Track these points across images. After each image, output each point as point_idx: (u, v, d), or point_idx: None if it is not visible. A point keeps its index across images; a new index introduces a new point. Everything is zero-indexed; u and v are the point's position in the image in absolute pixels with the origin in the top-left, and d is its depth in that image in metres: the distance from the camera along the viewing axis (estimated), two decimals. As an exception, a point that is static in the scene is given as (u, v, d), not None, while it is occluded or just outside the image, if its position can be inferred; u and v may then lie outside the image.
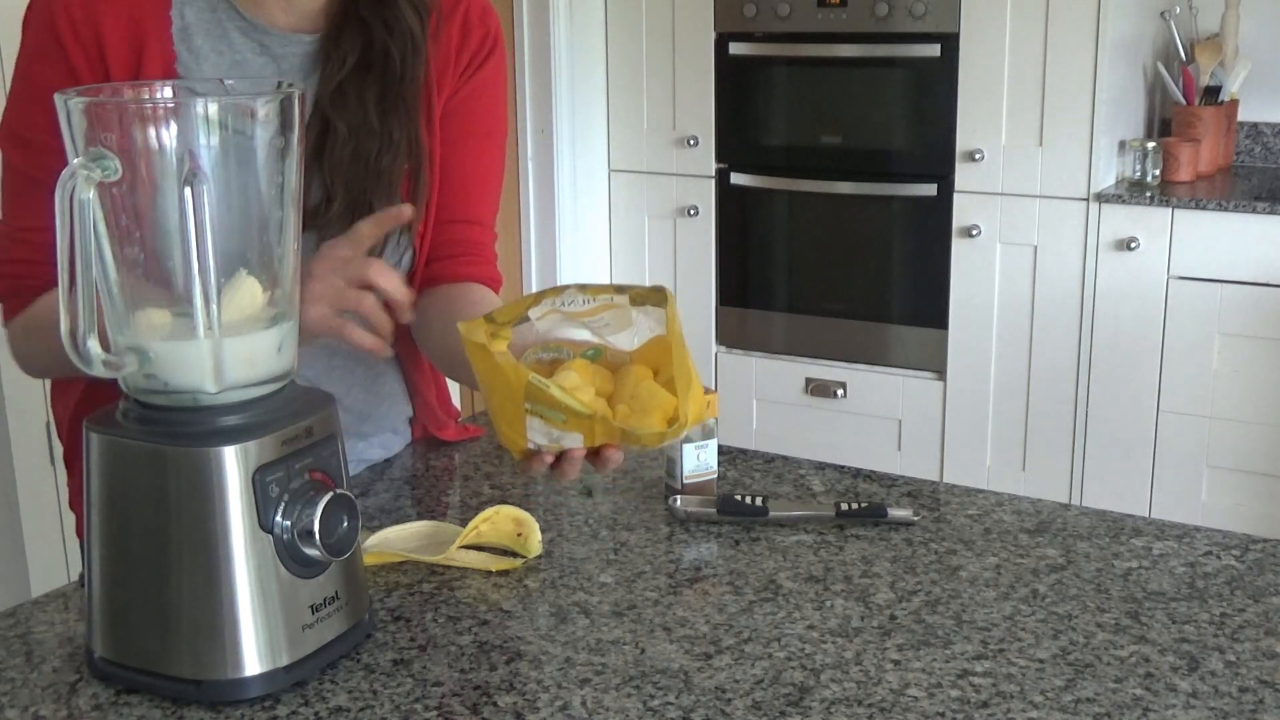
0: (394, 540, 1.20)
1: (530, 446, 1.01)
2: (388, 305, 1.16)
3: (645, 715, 0.93)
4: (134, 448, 0.94)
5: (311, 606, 0.97)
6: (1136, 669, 0.99)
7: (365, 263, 1.15)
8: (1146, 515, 1.82)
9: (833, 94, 3.30)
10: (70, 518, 2.84)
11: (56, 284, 0.90)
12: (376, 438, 1.46)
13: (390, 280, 1.15)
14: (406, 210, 1.21)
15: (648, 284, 1.15)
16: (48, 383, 2.90)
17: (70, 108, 0.92)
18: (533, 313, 1.03)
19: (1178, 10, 3.20)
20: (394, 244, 1.34)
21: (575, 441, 1.01)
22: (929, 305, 3.25)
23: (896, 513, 1.25)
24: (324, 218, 1.27)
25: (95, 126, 0.92)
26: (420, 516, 1.29)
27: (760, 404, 3.51)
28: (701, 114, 3.43)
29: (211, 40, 1.26)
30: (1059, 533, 1.23)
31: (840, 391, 3.38)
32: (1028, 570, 1.16)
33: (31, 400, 2.72)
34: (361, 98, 1.28)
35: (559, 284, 1.11)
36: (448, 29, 1.35)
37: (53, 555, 2.79)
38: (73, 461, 1.43)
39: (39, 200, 1.00)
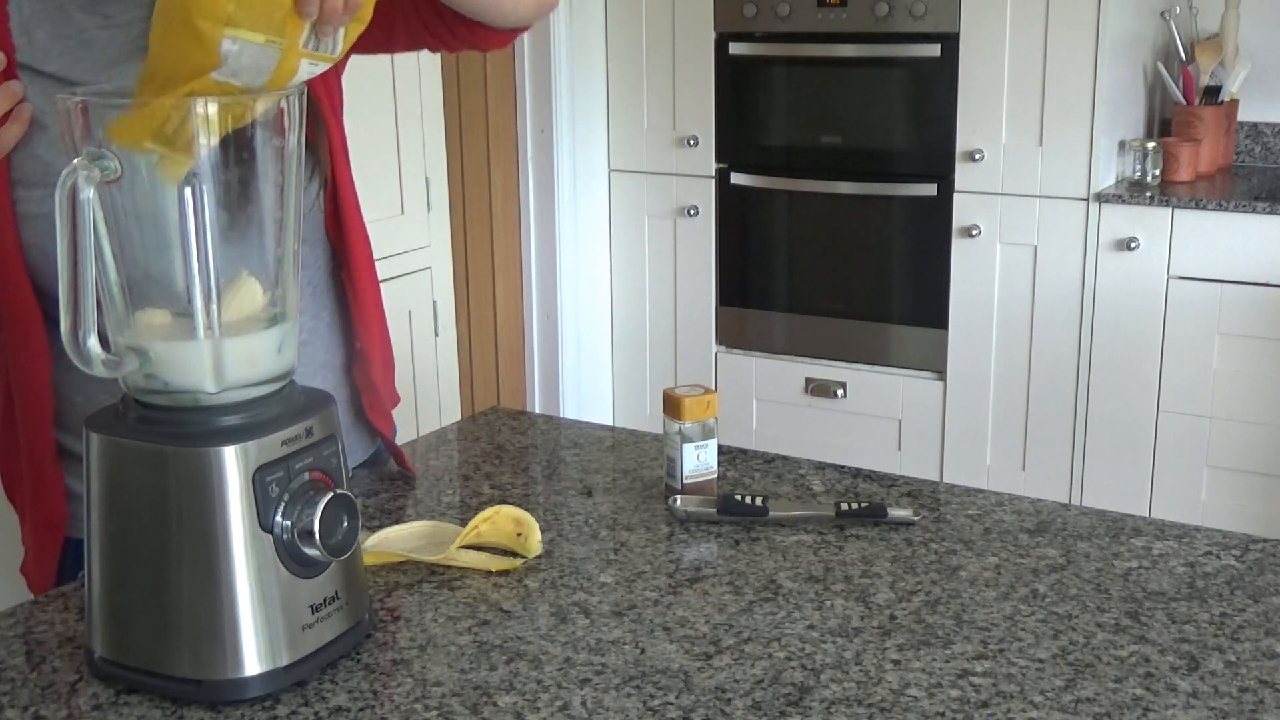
0: (394, 540, 1.20)
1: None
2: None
3: (645, 715, 0.93)
4: (134, 448, 0.94)
5: (311, 606, 0.97)
6: (1136, 669, 0.99)
7: None
8: (1146, 515, 1.82)
9: (833, 94, 3.29)
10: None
11: None
12: None
13: None
14: None
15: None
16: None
17: (70, 107, 0.92)
18: None
19: (1178, 10, 3.20)
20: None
21: None
22: (929, 305, 3.25)
23: (896, 513, 1.25)
24: None
25: (95, 126, 0.92)
26: (420, 516, 1.29)
27: (760, 404, 3.51)
28: (701, 114, 3.43)
29: (52, 26, 1.23)
30: (1059, 533, 1.23)
31: (840, 391, 3.38)
32: (1028, 570, 1.16)
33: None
34: None
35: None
36: None
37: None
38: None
39: None
